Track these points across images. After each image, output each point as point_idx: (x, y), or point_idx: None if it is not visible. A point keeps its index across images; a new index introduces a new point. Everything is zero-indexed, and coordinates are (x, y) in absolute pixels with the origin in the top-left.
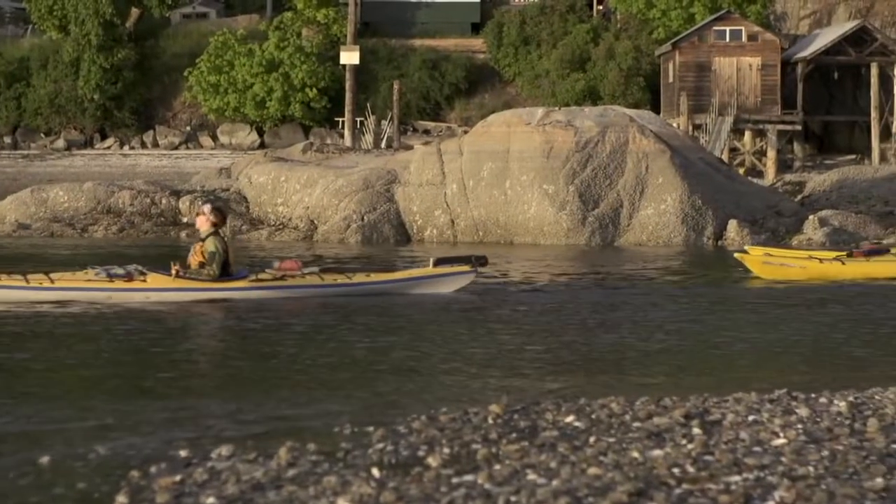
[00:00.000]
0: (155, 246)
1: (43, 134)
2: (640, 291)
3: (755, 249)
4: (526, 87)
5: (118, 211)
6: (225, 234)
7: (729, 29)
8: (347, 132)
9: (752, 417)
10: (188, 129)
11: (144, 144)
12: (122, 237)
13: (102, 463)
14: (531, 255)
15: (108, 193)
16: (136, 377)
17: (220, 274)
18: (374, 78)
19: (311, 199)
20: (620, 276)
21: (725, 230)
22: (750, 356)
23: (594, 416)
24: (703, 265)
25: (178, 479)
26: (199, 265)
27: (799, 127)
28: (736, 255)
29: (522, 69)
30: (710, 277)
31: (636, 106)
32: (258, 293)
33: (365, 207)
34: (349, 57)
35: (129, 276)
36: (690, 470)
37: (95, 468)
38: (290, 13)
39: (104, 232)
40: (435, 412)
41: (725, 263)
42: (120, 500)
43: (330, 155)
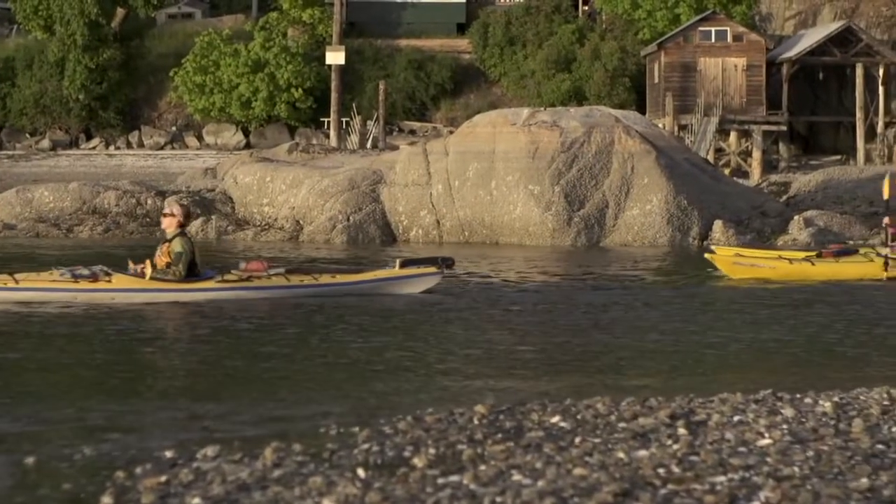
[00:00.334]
0: (141, 246)
1: (28, 134)
2: (625, 292)
3: (724, 250)
4: (511, 87)
5: (103, 211)
6: (191, 234)
7: (714, 29)
8: (333, 132)
9: (737, 418)
10: (174, 129)
11: (130, 145)
12: (107, 237)
13: (88, 463)
14: (517, 255)
15: (93, 194)
16: (121, 378)
17: (186, 274)
18: (359, 78)
19: (296, 199)
20: (606, 276)
21: (711, 231)
22: (735, 356)
23: (580, 416)
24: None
25: (163, 479)
26: (165, 265)
27: (784, 127)
28: (706, 255)
29: (508, 69)
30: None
31: (622, 106)
32: (224, 294)
33: (350, 208)
34: (335, 57)
35: (94, 276)
36: (676, 470)
37: (81, 469)
38: (275, 13)
39: (89, 232)
40: (421, 413)
41: (709, 264)
42: (105, 500)
43: (315, 155)
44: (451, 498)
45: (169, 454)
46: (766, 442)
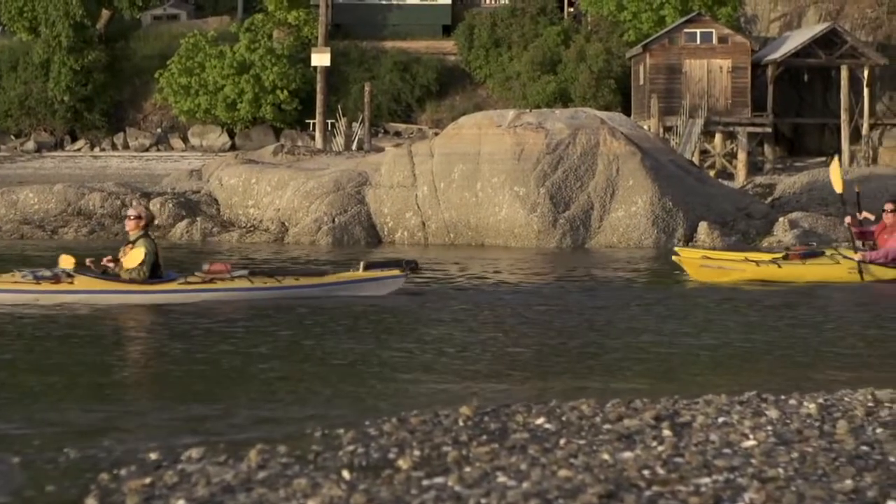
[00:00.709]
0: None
1: (13, 136)
2: (611, 294)
3: (689, 252)
4: (497, 89)
5: (89, 213)
6: (153, 235)
7: (699, 31)
8: (318, 134)
9: (721, 419)
10: (159, 130)
11: (115, 146)
12: (92, 239)
13: (72, 465)
14: (502, 257)
15: (78, 195)
16: (105, 380)
17: (149, 276)
18: (345, 80)
19: (281, 201)
20: (592, 278)
21: (696, 232)
22: (719, 358)
23: (564, 418)
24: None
25: (147, 481)
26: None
27: (769, 129)
28: (673, 258)
29: (493, 71)
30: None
31: (607, 108)
32: (186, 296)
33: (336, 209)
34: (320, 59)
35: (56, 278)
36: (660, 472)
37: (65, 471)
38: (260, 15)
39: (74, 234)
40: (405, 414)
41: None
42: (89, 502)
43: (301, 157)
44: (435, 499)
45: (153, 456)
46: (750, 443)
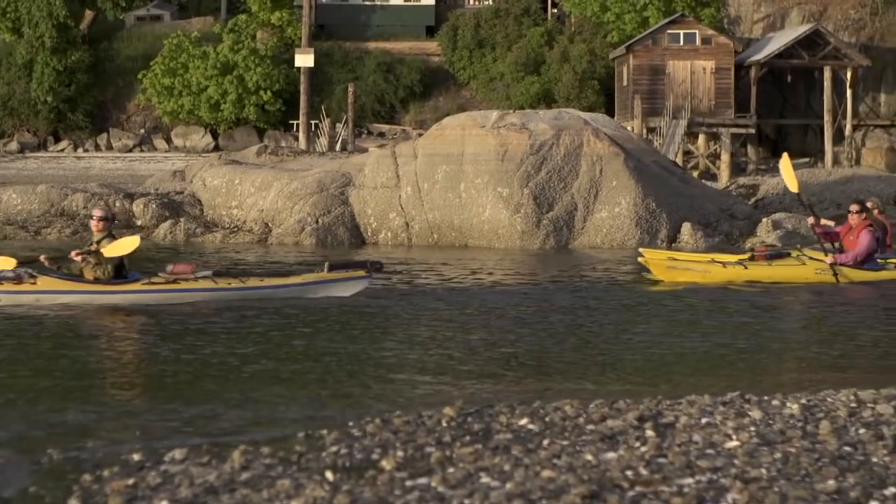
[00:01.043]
0: None
1: None
2: (594, 294)
3: (655, 253)
4: (481, 89)
5: (72, 213)
6: (116, 235)
7: (683, 32)
8: (302, 135)
9: (705, 420)
10: (142, 131)
11: (98, 147)
12: (75, 239)
13: (55, 467)
14: (486, 258)
15: (61, 196)
16: (87, 381)
17: (113, 276)
18: (328, 81)
19: (265, 201)
20: (576, 278)
21: (679, 233)
22: (702, 359)
23: (548, 418)
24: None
25: (130, 482)
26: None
27: (752, 130)
28: (640, 259)
29: (477, 72)
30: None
31: (590, 109)
32: (150, 296)
33: (319, 210)
34: (304, 59)
35: (18, 278)
36: (644, 472)
37: (48, 472)
38: (244, 15)
39: (58, 234)
40: (389, 415)
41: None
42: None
43: (284, 158)
44: (419, 500)
45: (136, 457)
46: (733, 444)
